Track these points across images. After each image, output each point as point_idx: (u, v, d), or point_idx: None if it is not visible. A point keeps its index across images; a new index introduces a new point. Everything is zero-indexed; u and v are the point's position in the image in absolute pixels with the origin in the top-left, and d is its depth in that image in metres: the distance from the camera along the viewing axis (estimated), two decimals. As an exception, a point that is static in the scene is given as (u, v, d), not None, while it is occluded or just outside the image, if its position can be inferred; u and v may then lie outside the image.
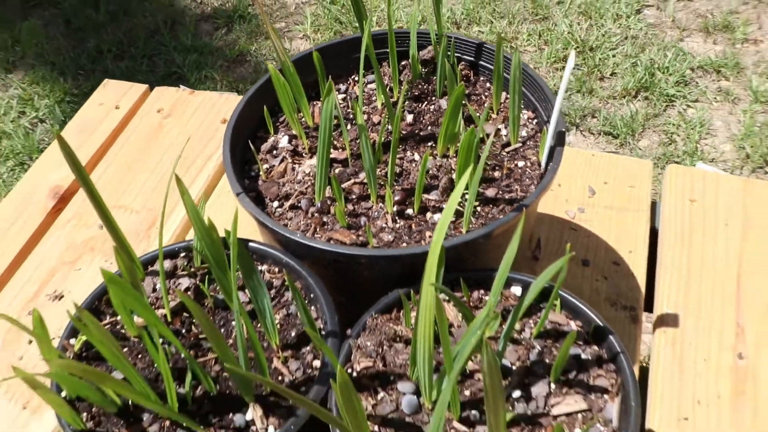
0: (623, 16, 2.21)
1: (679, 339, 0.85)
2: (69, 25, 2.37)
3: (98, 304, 0.66)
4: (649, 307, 0.92)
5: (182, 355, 0.60)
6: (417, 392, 0.57)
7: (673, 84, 2.01)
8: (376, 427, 0.56)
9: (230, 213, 0.96)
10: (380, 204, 0.67)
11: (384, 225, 0.65)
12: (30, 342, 0.90)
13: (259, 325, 0.62)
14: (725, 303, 0.88)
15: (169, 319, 0.61)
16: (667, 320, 0.87)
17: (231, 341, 0.62)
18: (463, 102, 0.73)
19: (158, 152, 1.10)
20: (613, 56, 2.09)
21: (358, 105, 0.71)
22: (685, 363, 0.83)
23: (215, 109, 1.15)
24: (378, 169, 0.70)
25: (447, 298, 0.62)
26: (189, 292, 0.65)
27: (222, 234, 0.62)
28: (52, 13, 2.42)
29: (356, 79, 0.81)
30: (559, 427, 0.51)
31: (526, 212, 0.61)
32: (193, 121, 1.14)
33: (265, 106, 0.74)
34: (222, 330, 0.63)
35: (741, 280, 0.90)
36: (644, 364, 1.13)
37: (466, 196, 0.65)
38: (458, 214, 0.66)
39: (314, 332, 0.50)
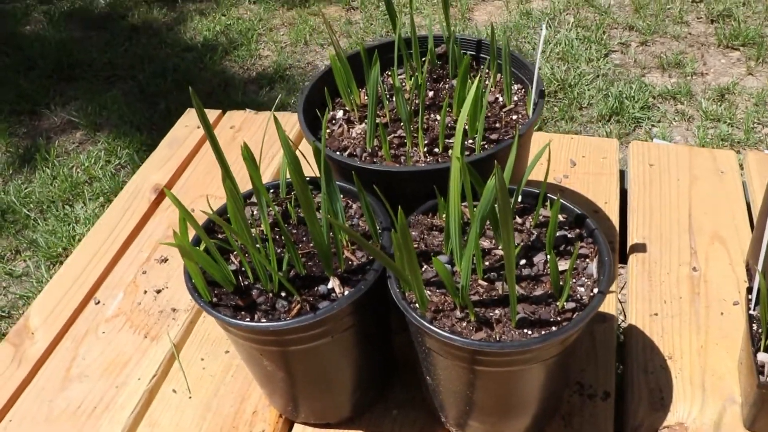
0: (594, 59, 2.37)
1: (647, 259, 0.96)
2: (143, 93, 2.55)
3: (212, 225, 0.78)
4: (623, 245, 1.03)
5: (278, 250, 0.73)
6: (451, 262, 0.69)
7: (639, 109, 2.14)
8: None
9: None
10: (414, 148, 0.80)
11: (418, 159, 0.78)
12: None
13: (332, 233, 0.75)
14: (681, 233, 0.99)
15: (269, 234, 0.72)
16: (638, 247, 0.98)
17: (311, 245, 0.74)
18: (469, 77, 0.87)
19: (233, 155, 1.24)
20: (588, 90, 2.23)
21: (394, 72, 0.84)
22: (653, 276, 0.94)
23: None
24: (411, 127, 0.83)
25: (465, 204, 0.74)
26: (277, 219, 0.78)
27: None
28: (130, 85, 2.61)
29: (389, 73, 0.94)
30: (553, 260, 0.63)
31: (520, 140, 0.74)
32: (258, 132, 1.28)
33: (325, 89, 0.87)
34: (304, 238, 0.75)
35: (692, 217, 1.01)
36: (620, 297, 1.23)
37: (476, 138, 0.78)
38: (471, 150, 0.79)
39: (346, 227, 0.63)
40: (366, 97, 0.88)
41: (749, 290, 0.78)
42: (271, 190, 0.81)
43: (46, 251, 1.94)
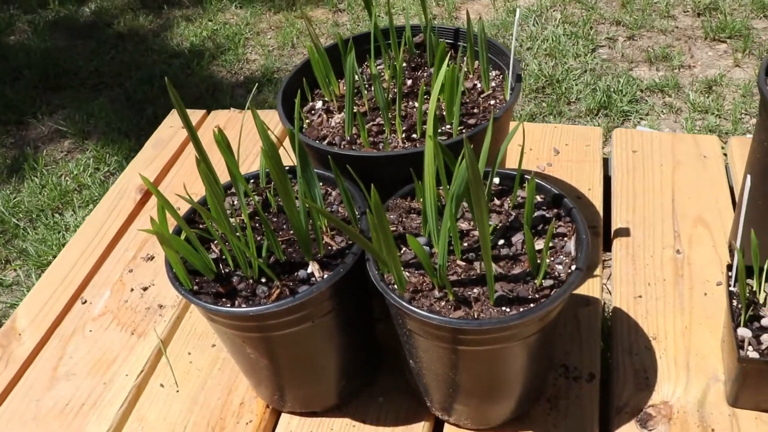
0: (581, 54, 2.39)
1: (631, 243, 0.97)
2: (130, 100, 2.57)
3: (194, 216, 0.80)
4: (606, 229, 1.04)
5: (258, 238, 0.74)
6: (429, 244, 0.70)
7: (627, 102, 2.16)
8: (402, 270, 0.69)
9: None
10: (393, 135, 0.82)
11: (396, 145, 0.79)
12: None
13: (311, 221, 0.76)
14: (664, 217, 1.01)
15: (247, 220, 0.74)
16: (621, 232, 0.99)
17: (291, 232, 0.75)
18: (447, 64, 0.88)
19: (217, 155, 1.25)
20: (576, 85, 2.25)
21: (372, 61, 0.86)
22: (637, 259, 0.95)
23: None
24: (389, 115, 0.84)
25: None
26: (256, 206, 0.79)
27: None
28: (117, 93, 2.62)
29: (368, 65, 0.96)
30: (530, 238, 0.64)
31: (496, 124, 0.75)
32: (242, 131, 1.30)
33: (304, 79, 0.89)
34: (284, 226, 0.76)
35: (675, 202, 1.03)
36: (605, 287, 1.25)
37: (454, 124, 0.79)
38: (449, 135, 0.80)
39: (323, 209, 0.64)
40: (345, 88, 0.89)
41: (729, 267, 0.79)
42: (252, 181, 0.82)
43: (37, 260, 1.95)
